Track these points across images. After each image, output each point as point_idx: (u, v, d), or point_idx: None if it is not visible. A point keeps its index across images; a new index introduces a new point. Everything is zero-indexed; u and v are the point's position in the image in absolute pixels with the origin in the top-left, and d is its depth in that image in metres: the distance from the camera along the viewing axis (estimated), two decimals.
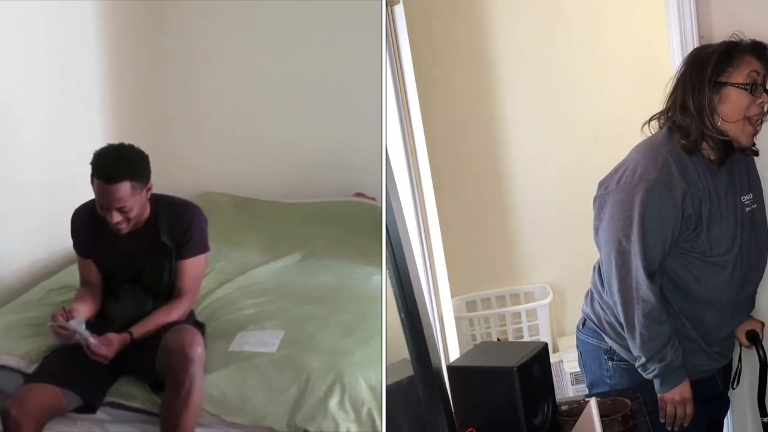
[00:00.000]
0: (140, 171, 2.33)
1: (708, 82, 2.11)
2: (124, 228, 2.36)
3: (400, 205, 1.93)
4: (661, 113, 2.23)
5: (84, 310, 2.36)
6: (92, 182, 2.31)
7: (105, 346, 2.26)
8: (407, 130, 2.79)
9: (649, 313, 2.11)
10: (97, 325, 2.38)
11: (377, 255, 1.97)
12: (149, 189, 2.38)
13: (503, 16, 3.64)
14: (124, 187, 2.28)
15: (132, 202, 2.31)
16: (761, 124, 2.16)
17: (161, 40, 3.84)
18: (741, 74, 2.10)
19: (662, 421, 2.21)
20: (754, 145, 2.24)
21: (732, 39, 2.17)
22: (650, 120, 2.25)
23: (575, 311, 2.46)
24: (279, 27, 3.75)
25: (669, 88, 2.21)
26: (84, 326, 2.27)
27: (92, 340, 2.25)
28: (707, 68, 2.12)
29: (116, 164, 2.29)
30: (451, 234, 3.22)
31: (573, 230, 2.97)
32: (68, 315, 2.28)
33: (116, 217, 2.32)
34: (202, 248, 2.49)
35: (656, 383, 2.19)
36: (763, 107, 2.13)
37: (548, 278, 3.82)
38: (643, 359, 2.16)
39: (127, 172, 2.28)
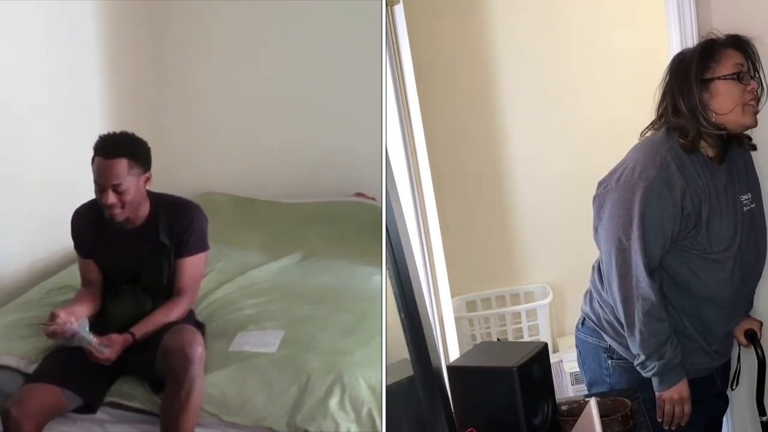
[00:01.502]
0: (139, 154, 2.36)
1: (695, 82, 2.12)
2: (119, 214, 2.36)
3: (400, 205, 1.93)
4: (654, 122, 2.24)
5: (83, 312, 2.36)
6: (93, 164, 2.35)
7: (107, 347, 2.26)
8: (407, 130, 2.78)
9: (648, 310, 2.12)
10: (97, 325, 2.38)
11: (377, 255, 1.97)
12: (148, 179, 2.39)
13: (503, 16, 3.64)
14: (121, 164, 2.31)
15: (128, 183, 2.32)
16: (759, 103, 2.17)
17: (161, 40, 3.84)
18: (726, 66, 2.12)
19: (659, 419, 2.21)
20: (750, 139, 2.24)
21: (708, 37, 2.20)
22: (647, 129, 2.25)
23: (575, 311, 2.46)
24: (279, 27, 3.75)
25: (657, 97, 2.22)
26: (87, 328, 2.27)
27: (94, 341, 2.25)
28: (691, 69, 2.14)
29: (115, 141, 2.35)
30: (451, 234, 3.22)
31: (573, 230, 2.97)
32: (53, 317, 2.26)
33: (111, 198, 2.33)
34: (202, 247, 2.48)
35: (655, 381, 2.19)
36: (754, 93, 2.14)
37: (548, 278, 3.82)
38: (642, 357, 2.17)
39: (125, 149, 2.34)
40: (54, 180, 3.14)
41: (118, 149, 2.33)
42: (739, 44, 2.15)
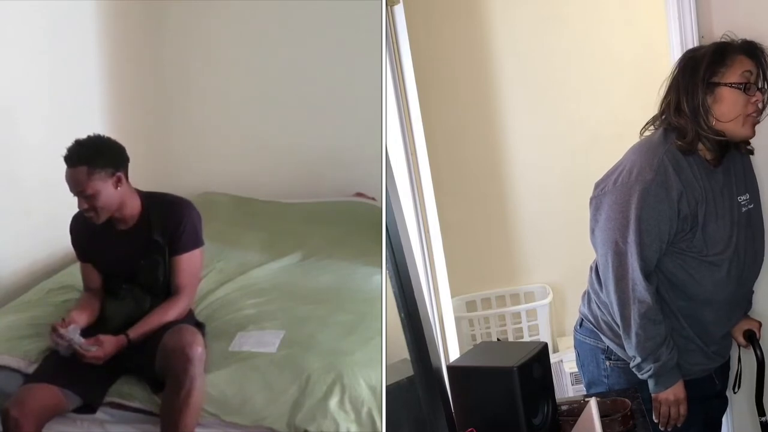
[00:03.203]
0: (101, 158, 2.34)
1: (701, 83, 2.11)
2: (95, 217, 2.37)
3: (400, 205, 1.93)
4: (655, 117, 2.23)
5: (82, 318, 2.37)
6: None
7: (94, 346, 2.26)
8: (407, 130, 2.79)
9: (645, 313, 2.11)
10: (98, 326, 2.39)
11: (377, 255, 1.97)
12: (119, 179, 2.37)
13: (503, 16, 3.64)
14: (81, 171, 2.31)
15: (93, 188, 2.32)
16: (762, 114, 2.16)
17: (161, 40, 3.84)
18: (734, 74, 2.10)
19: (656, 421, 2.22)
20: (749, 144, 2.24)
21: (723, 39, 2.18)
22: (647, 125, 2.25)
23: (575, 311, 2.46)
24: (279, 27, 3.75)
25: (662, 91, 2.21)
26: (78, 333, 2.28)
27: (81, 341, 2.25)
28: (700, 69, 2.12)
29: (75, 149, 2.34)
30: (451, 234, 3.22)
31: (573, 230, 2.96)
32: (67, 325, 2.29)
33: (81, 204, 2.35)
34: (196, 243, 2.47)
35: (650, 383, 2.19)
36: (758, 105, 2.13)
37: (548, 278, 3.82)
38: (638, 359, 2.17)
39: (83, 157, 2.32)
40: (54, 180, 3.13)
41: (77, 157, 2.32)
42: (753, 52, 2.13)
